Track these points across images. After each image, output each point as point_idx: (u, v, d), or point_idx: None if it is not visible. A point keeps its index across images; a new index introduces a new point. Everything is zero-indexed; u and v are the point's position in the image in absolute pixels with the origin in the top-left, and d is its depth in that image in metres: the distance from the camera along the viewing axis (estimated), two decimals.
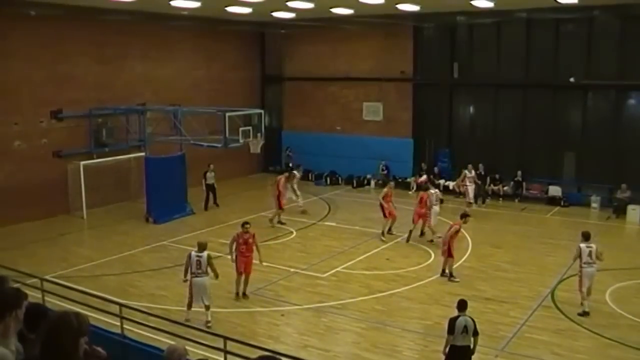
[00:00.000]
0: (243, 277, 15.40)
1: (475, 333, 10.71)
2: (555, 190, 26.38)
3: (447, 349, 10.76)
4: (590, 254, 14.40)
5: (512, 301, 15.33)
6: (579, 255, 14.48)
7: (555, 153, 26.82)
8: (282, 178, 23.70)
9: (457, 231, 17.07)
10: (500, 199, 26.70)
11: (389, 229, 21.11)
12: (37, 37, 22.86)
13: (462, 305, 10.91)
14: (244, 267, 15.34)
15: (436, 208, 20.78)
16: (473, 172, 24.97)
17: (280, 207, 22.73)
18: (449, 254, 16.92)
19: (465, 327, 10.55)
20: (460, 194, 26.75)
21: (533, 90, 27.11)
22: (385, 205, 20.90)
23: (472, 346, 10.77)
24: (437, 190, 22.01)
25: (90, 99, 24.64)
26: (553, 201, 26.11)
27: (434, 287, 16.39)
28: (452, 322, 10.63)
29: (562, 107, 26.82)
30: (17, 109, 22.45)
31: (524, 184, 26.88)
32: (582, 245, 14.52)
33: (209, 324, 13.46)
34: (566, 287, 16.02)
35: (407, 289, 16.25)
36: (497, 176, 26.95)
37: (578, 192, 26.40)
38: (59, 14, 22.53)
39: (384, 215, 20.96)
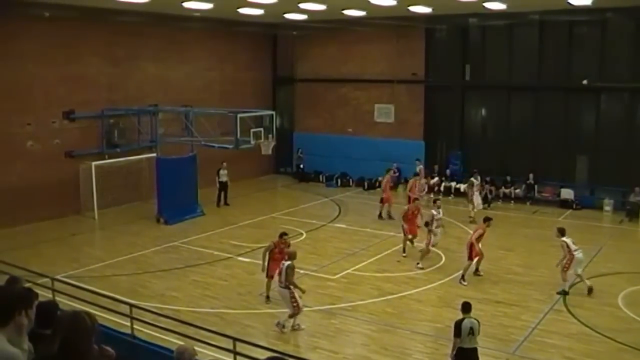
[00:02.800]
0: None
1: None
2: (567, 193, 26.19)
3: (455, 352, 10.79)
4: (574, 243, 15.96)
5: (523, 304, 15.22)
6: (568, 248, 15.84)
7: (568, 156, 26.65)
8: (414, 181, 23.79)
9: (481, 235, 17.04)
10: (512, 201, 26.57)
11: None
12: (50, 38, 22.98)
13: (466, 308, 10.99)
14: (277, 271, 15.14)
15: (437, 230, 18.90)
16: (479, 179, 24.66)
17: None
18: (469, 256, 16.88)
19: (472, 329, 10.62)
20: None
21: (545, 92, 26.93)
22: (406, 227, 19.42)
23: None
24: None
25: (103, 99, 24.73)
26: (565, 204, 25.91)
27: (445, 289, 16.30)
28: (458, 325, 10.68)
29: (575, 109, 26.65)
30: (30, 110, 22.53)
31: (535, 186, 26.68)
32: (565, 239, 15.96)
33: (296, 328, 13.60)
34: (578, 291, 15.89)
35: (418, 292, 16.17)
36: (508, 178, 26.82)
37: (591, 195, 26.22)
38: (72, 15, 22.61)
39: (404, 233, 19.53)
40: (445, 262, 18.48)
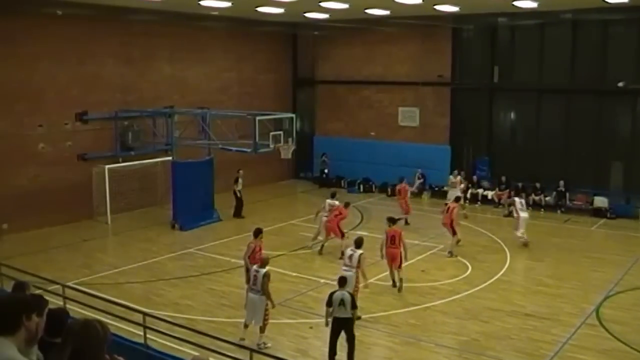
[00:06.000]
0: None
1: (353, 306, 12.09)
2: (601, 202, 25.29)
3: (329, 321, 12.11)
4: (350, 258, 14.93)
5: (553, 318, 14.70)
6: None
7: (602, 162, 25.80)
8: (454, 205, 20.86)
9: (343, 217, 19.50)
10: (542, 209, 25.77)
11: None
12: (63, 37, 22.73)
13: (341, 282, 12.58)
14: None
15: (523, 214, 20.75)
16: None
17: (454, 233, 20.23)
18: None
19: (342, 300, 11.95)
20: (499, 204, 26.17)
21: (578, 95, 26.17)
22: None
23: (353, 318, 12.21)
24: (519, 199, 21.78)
25: (116, 101, 24.47)
26: (599, 213, 25.04)
27: (471, 301, 15.81)
28: (331, 295, 12.12)
29: (610, 113, 25.80)
30: (42, 111, 22.28)
31: (567, 194, 25.87)
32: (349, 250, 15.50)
33: (261, 346, 12.60)
34: (613, 305, 15.37)
35: (442, 303, 15.71)
36: (538, 185, 26.01)
37: (626, 204, 25.19)
38: (86, 13, 22.34)
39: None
40: (472, 272, 17.98)
